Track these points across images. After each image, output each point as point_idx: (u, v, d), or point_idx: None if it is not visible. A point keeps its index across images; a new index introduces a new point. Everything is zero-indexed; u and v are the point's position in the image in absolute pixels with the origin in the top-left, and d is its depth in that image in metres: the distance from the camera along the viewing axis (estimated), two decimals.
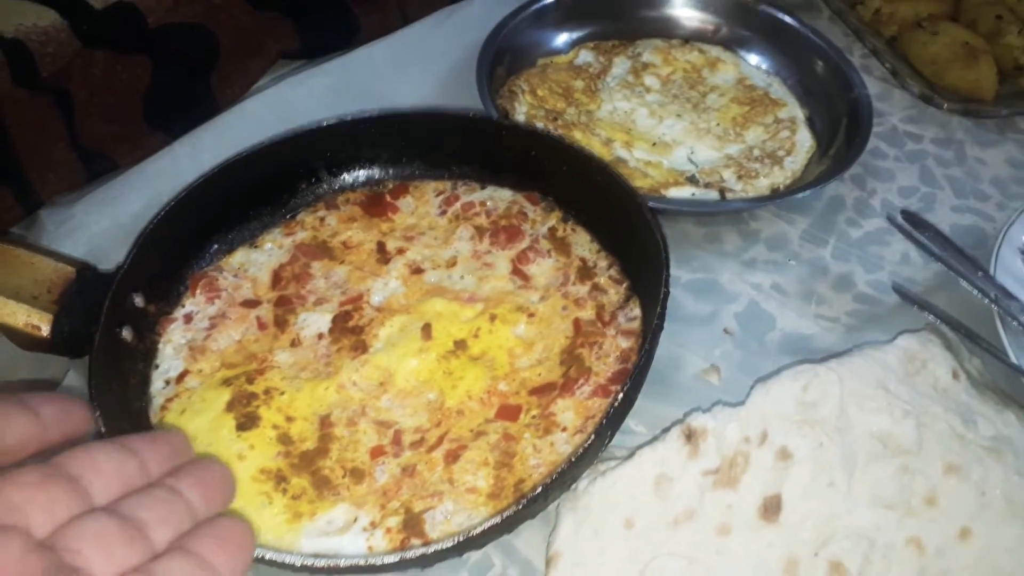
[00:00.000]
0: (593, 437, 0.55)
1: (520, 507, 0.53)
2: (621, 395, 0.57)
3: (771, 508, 0.59)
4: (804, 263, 0.83)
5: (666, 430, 0.61)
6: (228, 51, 0.93)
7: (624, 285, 0.72)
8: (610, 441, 0.59)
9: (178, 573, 0.35)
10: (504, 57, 0.95)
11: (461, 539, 0.52)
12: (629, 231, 0.70)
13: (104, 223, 0.78)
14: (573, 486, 0.60)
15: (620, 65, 1.01)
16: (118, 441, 0.39)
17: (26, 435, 0.36)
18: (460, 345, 0.68)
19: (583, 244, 0.76)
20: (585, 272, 0.73)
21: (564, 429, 0.63)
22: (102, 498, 0.36)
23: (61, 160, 0.83)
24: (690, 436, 0.59)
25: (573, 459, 0.54)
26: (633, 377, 0.58)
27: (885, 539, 0.58)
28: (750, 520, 0.59)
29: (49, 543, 0.33)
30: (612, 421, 0.57)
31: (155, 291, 0.70)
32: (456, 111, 0.80)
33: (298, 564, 0.51)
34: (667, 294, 0.62)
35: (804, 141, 0.92)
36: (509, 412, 0.65)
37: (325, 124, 0.78)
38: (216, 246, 0.76)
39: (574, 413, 0.64)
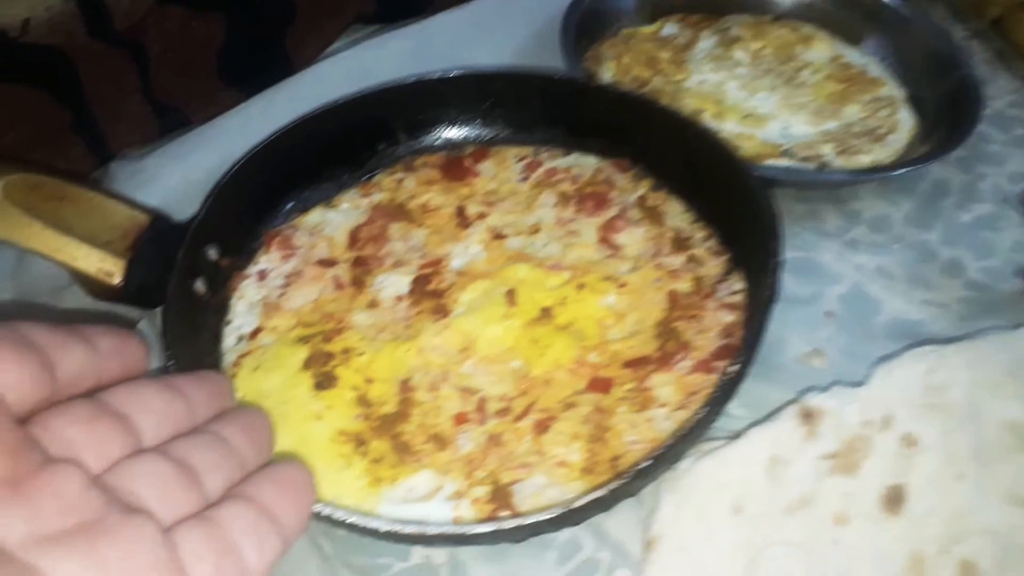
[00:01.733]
0: (707, 408, 0.50)
1: (626, 481, 0.48)
2: (738, 364, 0.52)
3: (894, 499, 0.54)
4: (909, 246, 0.77)
5: (778, 410, 0.56)
6: (304, 11, 0.90)
7: (724, 257, 0.67)
8: (720, 416, 0.54)
9: (239, 521, 0.32)
10: (586, 26, 0.91)
11: (563, 511, 0.47)
12: (730, 199, 0.65)
13: (176, 177, 0.75)
14: (675, 466, 0.55)
15: (707, 39, 0.96)
16: (165, 379, 0.36)
17: (83, 368, 0.33)
18: (546, 313, 0.64)
19: (677, 214, 0.71)
20: (680, 243, 0.68)
21: (663, 405, 0.58)
22: (151, 439, 0.33)
23: (134, 113, 0.81)
24: (807, 416, 0.54)
25: (684, 432, 0.49)
26: (748, 345, 0.53)
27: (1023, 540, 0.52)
28: (871, 510, 0.53)
29: (104, 483, 0.30)
30: (726, 392, 0.52)
31: (229, 245, 0.67)
32: (543, 71, 0.76)
33: (383, 530, 0.47)
34: (778, 264, 0.57)
35: (906, 120, 0.87)
36: (601, 384, 0.60)
37: (406, 82, 0.74)
38: (291, 204, 0.73)
39: (674, 388, 0.59)
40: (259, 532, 0.32)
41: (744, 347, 0.54)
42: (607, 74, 0.87)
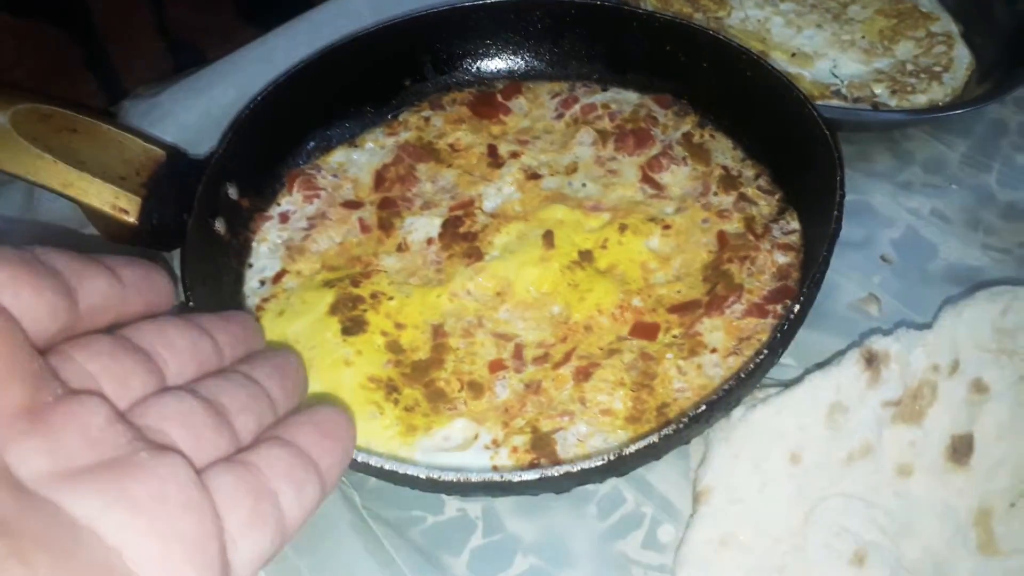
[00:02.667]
0: (765, 351, 0.46)
1: (680, 427, 0.44)
2: (797, 307, 0.48)
3: (961, 449, 0.50)
4: (966, 188, 0.73)
5: (840, 354, 0.52)
6: None
7: (776, 196, 0.63)
8: (778, 360, 0.51)
9: (276, 464, 0.29)
10: None
11: (611, 458, 0.44)
12: (785, 134, 0.61)
13: (193, 113, 0.72)
14: (728, 414, 0.52)
15: None
16: (190, 318, 0.33)
17: (106, 298, 0.30)
18: (586, 256, 0.60)
19: (724, 151, 0.67)
20: (729, 182, 0.64)
21: (714, 351, 0.54)
22: (177, 378, 0.31)
23: (148, 49, 0.77)
24: (871, 360, 0.51)
25: (743, 374, 0.46)
26: (809, 286, 0.49)
27: None
28: (936, 462, 0.50)
29: (130, 419, 0.27)
30: (785, 336, 0.48)
31: (249, 184, 0.64)
32: None
33: (423, 477, 0.44)
34: (843, 197, 0.53)
35: (963, 57, 0.82)
36: (646, 330, 0.57)
37: (436, 10, 0.70)
38: (313, 143, 0.69)
39: (724, 333, 0.55)
40: (297, 477, 0.30)
41: (805, 286, 0.50)
42: (647, 8, 0.82)
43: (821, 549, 0.48)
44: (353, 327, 0.56)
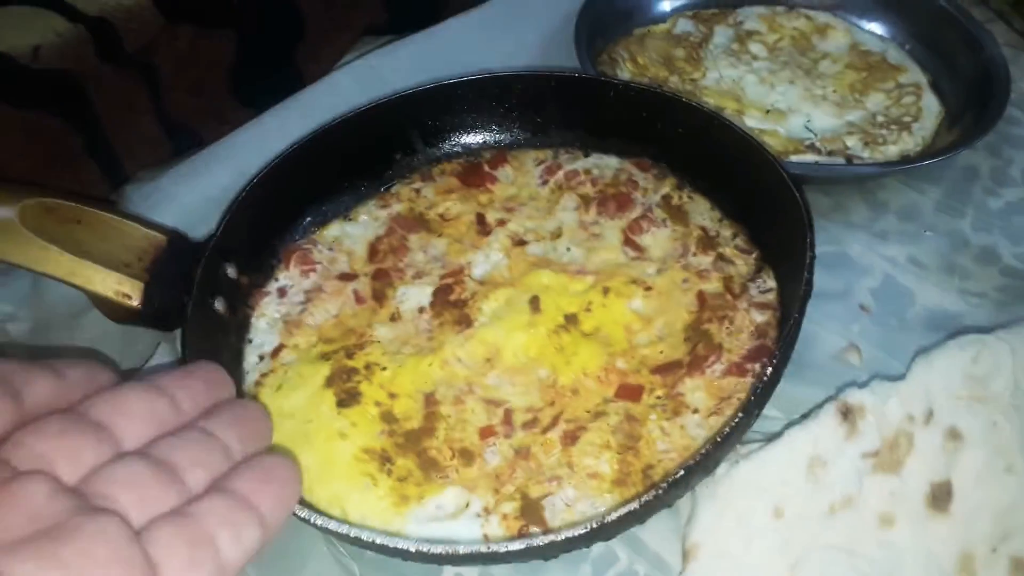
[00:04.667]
0: (740, 415, 0.48)
1: (659, 492, 0.46)
2: (771, 367, 0.50)
3: (940, 496, 0.52)
4: (941, 235, 0.75)
5: (815, 409, 0.54)
6: (314, 25, 0.90)
7: (753, 255, 0.65)
8: (755, 420, 0.53)
9: (214, 511, 0.32)
10: (600, 27, 0.89)
11: (594, 526, 0.45)
12: (758, 195, 0.64)
13: (192, 196, 0.75)
14: (711, 472, 0.53)
15: (722, 34, 0.95)
16: (150, 380, 0.36)
17: (50, 397, 0.34)
18: (571, 320, 0.63)
19: (702, 212, 0.69)
20: (707, 242, 0.67)
21: (696, 411, 0.56)
22: (132, 443, 0.33)
23: (147, 134, 0.81)
24: (847, 414, 0.52)
25: (719, 438, 0.48)
26: (783, 346, 0.51)
27: None
28: (917, 509, 0.51)
29: (77, 490, 0.30)
30: (761, 397, 0.50)
31: (248, 263, 0.66)
32: (561, 71, 0.75)
33: (412, 550, 0.46)
34: (813, 257, 0.56)
35: (931, 106, 0.85)
36: (630, 392, 0.58)
37: (422, 88, 0.73)
38: (309, 219, 0.72)
39: (706, 393, 0.57)
40: (235, 522, 0.32)
41: (779, 347, 0.52)
42: (623, 75, 0.86)
43: None
44: (348, 399, 0.58)
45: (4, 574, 0.26)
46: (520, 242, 0.69)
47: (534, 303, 0.63)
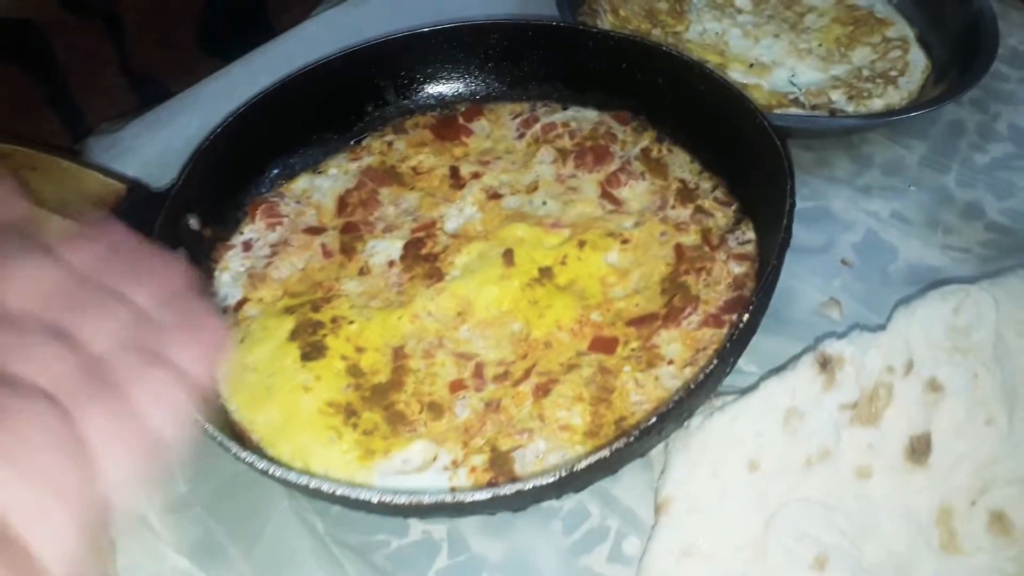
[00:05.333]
0: (715, 362, 0.47)
1: (630, 440, 0.45)
2: (747, 314, 0.48)
3: (919, 449, 0.50)
4: (925, 190, 0.74)
5: (796, 357, 0.53)
6: None
7: (732, 207, 0.63)
8: (731, 370, 0.51)
9: (137, 379, 0.30)
10: None
11: (563, 474, 0.44)
12: (738, 144, 0.62)
13: (155, 147, 0.72)
14: (685, 423, 0.52)
15: None
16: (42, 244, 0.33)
17: None
18: (546, 273, 0.61)
19: (682, 165, 0.67)
20: (686, 194, 0.65)
21: (670, 362, 0.55)
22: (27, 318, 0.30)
23: (111, 86, 0.78)
24: (825, 364, 0.51)
25: (692, 385, 0.46)
26: (760, 294, 0.50)
27: None
28: (895, 462, 0.50)
29: None
30: (736, 344, 0.49)
31: (211, 215, 0.64)
32: (540, 20, 0.72)
33: (375, 501, 0.44)
34: (793, 205, 0.54)
35: (918, 60, 0.83)
36: (604, 344, 0.57)
37: (396, 37, 0.70)
38: (277, 171, 0.70)
39: (681, 345, 0.56)
40: (168, 396, 0.30)
41: (756, 294, 0.50)
42: (604, 26, 0.83)
43: (782, 555, 0.48)
44: (312, 352, 0.56)
45: None
46: (495, 195, 0.68)
47: (508, 256, 0.61)
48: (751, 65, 0.82)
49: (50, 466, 0.26)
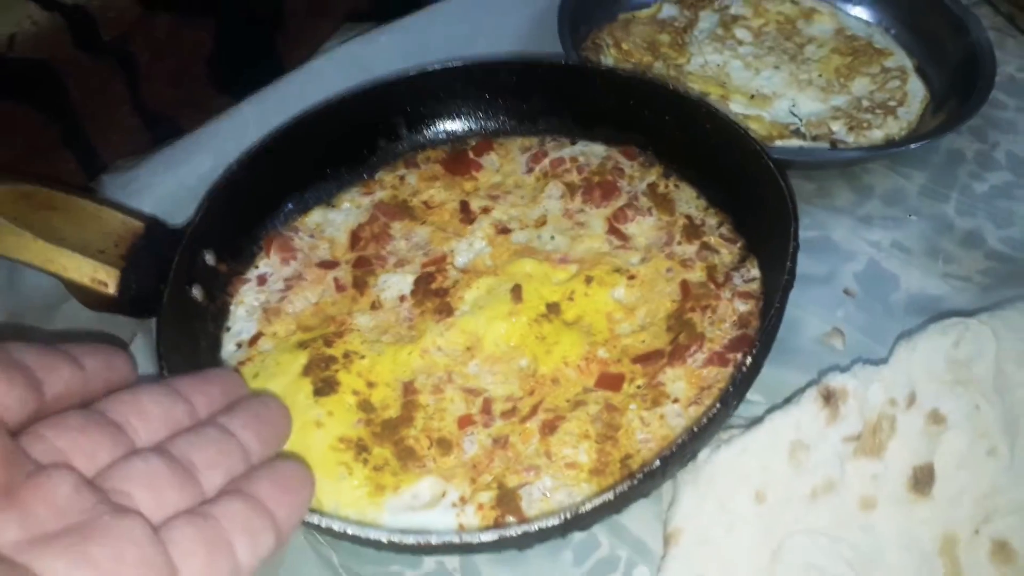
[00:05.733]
0: (718, 406, 0.48)
1: (634, 483, 0.46)
2: (750, 358, 0.50)
3: (922, 480, 0.51)
4: (925, 219, 0.75)
5: (797, 393, 0.54)
6: (294, 12, 0.89)
7: (738, 244, 0.65)
8: (735, 410, 0.52)
9: (232, 515, 0.32)
10: (584, 12, 0.89)
11: (567, 517, 0.45)
12: (744, 183, 0.63)
13: (170, 184, 0.74)
14: (691, 461, 0.53)
15: (707, 19, 0.94)
16: (167, 383, 0.37)
17: (70, 385, 0.34)
18: (553, 309, 0.62)
19: (688, 201, 0.69)
20: (692, 231, 0.66)
21: (675, 400, 0.56)
22: (147, 442, 0.34)
23: (124, 124, 0.80)
24: (828, 398, 0.52)
25: (696, 429, 0.47)
26: (763, 337, 0.51)
27: None
28: (899, 493, 0.51)
29: (96, 485, 0.30)
30: (740, 388, 0.50)
31: (227, 250, 0.65)
32: (547, 58, 0.74)
33: (384, 540, 0.45)
34: (797, 247, 0.55)
35: (917, 91, 0.84)
36: (611, 381, 0.58)
37: (407, 75, 0.72)
38: (291, 205, 0.71)
39: (686, 383, 0.57)
40: (252, 527, 0.32)
41: (759, 337, 0.51)
42: (607, 61, 0.85)
43: None
44: (325, 388, 0.57)
45: (36, 570, 0.26)
46: (504, 230, 0.69)
47: (516, 292, 0.62)
48: (752, 96, 0.83)
49: None
